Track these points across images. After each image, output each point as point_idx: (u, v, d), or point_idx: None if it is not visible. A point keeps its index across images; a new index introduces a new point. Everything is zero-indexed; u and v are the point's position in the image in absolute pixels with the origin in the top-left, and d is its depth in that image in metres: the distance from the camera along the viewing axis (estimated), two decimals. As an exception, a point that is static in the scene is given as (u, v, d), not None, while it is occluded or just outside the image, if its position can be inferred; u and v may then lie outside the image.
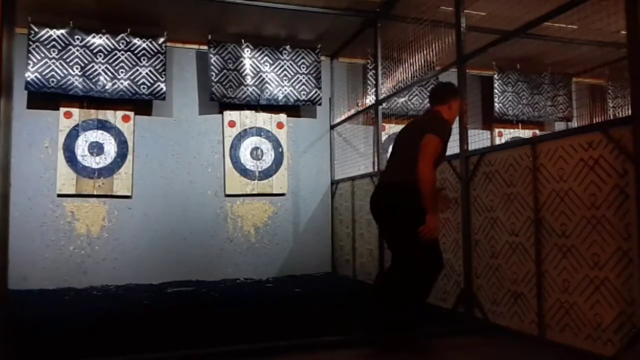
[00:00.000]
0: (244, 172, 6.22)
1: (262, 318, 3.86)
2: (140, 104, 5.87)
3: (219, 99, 6.02)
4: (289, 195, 6.40)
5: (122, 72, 5.65)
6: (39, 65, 5.38)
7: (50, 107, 5.61)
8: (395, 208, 3.05)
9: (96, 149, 5.71)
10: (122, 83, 5.64)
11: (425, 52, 4.90)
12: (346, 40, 6.19)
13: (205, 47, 6.07)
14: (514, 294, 3.37)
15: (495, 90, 6.85)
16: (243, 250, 6.15)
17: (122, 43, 5.68)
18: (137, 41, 5.71)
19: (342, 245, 6.32)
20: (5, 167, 2.55)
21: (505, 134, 7.12)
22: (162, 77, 5.77)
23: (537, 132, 7.25)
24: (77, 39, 5.54)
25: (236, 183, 6.18)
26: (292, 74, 6.28)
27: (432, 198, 2.90)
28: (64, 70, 5.46)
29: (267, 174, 6.31)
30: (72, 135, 5.65)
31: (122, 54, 5.67)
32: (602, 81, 7.41)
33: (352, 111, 6.46)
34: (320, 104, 6.45)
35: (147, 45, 5.74)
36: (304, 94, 6.31)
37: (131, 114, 5.87)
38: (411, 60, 5.15)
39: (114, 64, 5.64)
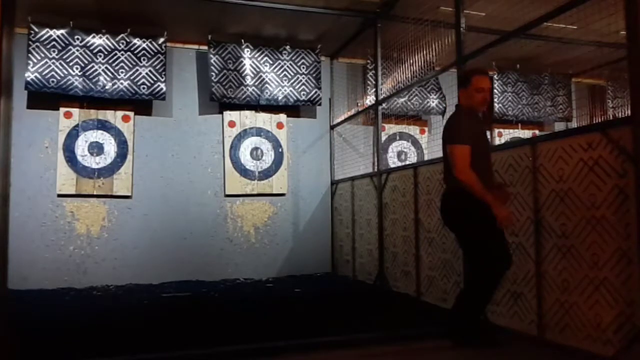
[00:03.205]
0: (244, 172, 6.22)
1: (262, 318, 3.86)
2: (140, 104, 5.87)
3: (219, 99, 6.02)
4: (289, 196, 6.40)
5: (122, 72, 5.66)
6: (39, 65, 5.38)
7: (50, 107, 5.61)
8: (454, 214, 3.17)
9: (96, 149, 5.71)
10: (122, 83, 5.64)
11: (425, 52, 4.91)
12: (346, 40, 6.19)
13: (205, 47, 6.07)
14: (513, 294, 3.37)
15: (495, 91, 6.86)
16: (243, 250, 6.15)
17: (122, 43, 5.68)
18: (137, 41, 5.72)
19: (342, 246, 6.32)
20: (5, 167, 2.55)
21: (505, 134, 7.12)
22: (162, 77, 5.77)
23: (537, 132, 7.25)
24: (77, 39, 5.54)
25: (236, 183, 6.19)
26: (292, 74, 6.28)
27: (486, 194, 2.94)
28: (64, 70, 5.47)
29: (267, 174, 6.31)
30: (72, 135, 5.65)
31: (122, 54, 5.67)
32: (601, 81, 7.42)
33: (352, 111, 6.47)
34: (320, 104, 6.45)
35: (147, 45, 5.74)
36: (303, 94, 6.31)
37: (131, 114, 5.87)
38: (411, 61, 5.15)
39: (114, 64, 5.64)
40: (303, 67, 6.32)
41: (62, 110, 5.65)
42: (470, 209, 2.98)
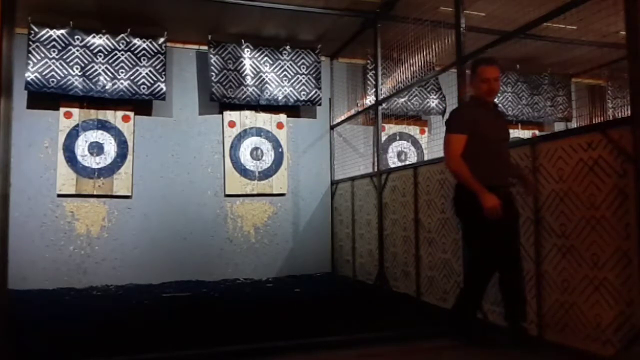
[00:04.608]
0: (244, 172, 6.22)
1: (262, 318, 3.86)
2: (140, 104, 5.87)
3: (219, 99, 6.02)
4: (289, 196, 6.40)
5: (122, 72, 5.66)
6: (39, 65, 5.38)
7: (50, 107, 5.61)
8: (457, 207, 3.20)
9: (96, 149, 5.71)
10: (122, 83, 5.64)
11: (425, 52, 4.91)
12: (346, 40, 6.19)
13: (205, 47, 6.07)
14: (513, 294, 3.37)
15: (495, 91, 6.84)
16: (243, 250, 6.16)
17: (122, 43, 5.68)
18: (137, 41, 5.72)
19: (342, 246, 6.32)
20: (5, 167, 2.55)
21: (505, 134, 7.11)
22: (162, 77, 5.77)
23: (537, 132, 7.25)
24: (77, 39, 5.54)
25: (236, 183, 6.19)
26: (292, 74, 6.28)
27: (475, 184, 2.94)
28: (64, 70, 5.47)
29: (267, 174, 6.31)
30: (72, 135, 5.65)
31: (122, 54, 5.67)
32: (601, 82, 7.42)
33: (352, 111, 6.47)
34: (320, 104, 6.45)
35: (147, 45, 5.75)
36: (303, 94, 6.31)
37: (131, 114, 5.87)
38: (411, 61, 5.16)
39: (114, 64, 5.64)
40: (303, 67, 6.32)
41: (62, 110, 5.65)
42: (472, 204, 2.96)
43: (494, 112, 3.21)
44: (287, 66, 6.27)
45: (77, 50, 5.53)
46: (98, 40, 5.61)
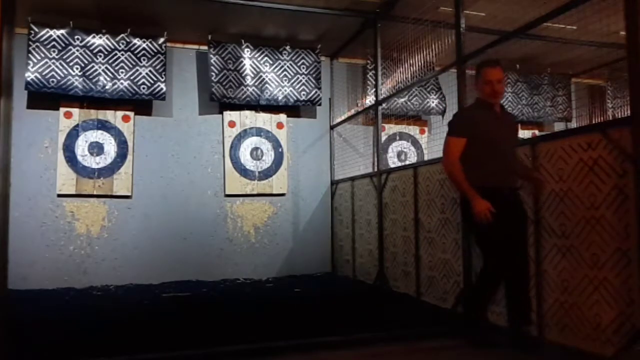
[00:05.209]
0: (244, 172, 6.22)
1: (262, 318, 3.86)
2: (140, 104, 5.87)
3: (219, 99, 6.02)
4: (289, 196, 6.40)
5: (122, 72, 5.66)
6: (39, 65, 5.38)
7: (50, 107, 5.61)
8: (462, 210, 3.22)
9: (96, 149, 5.71)
10: (122, 83, 5.64)
11: (425, 52, 4.91)
12: (346, 40, 6.19)
13: (205, 47, 6.07)
14: (513, 294, 3.36)
15: (495, 91, 6.84)
16: (243, 250, 6.16)
17: (122, 43, 5.68)
18: (137, 41, 5.72)
19: (342, 245, 6.32)
20: (5, 167, 2.55)
21: (505, 134, 7.11)
22: (162, 77, 5.78)
23: (537, 132, 7.25)
24: (77, 39, 5.54)
25: (236, 183, 6.19)
26: (292, 74, 6.28)
27: (468, 189, 2.97)
28: (64, 70, 5.47)
29: (267, 174, 6.31)
30: (72, 135, 5.65)
31: (122, 54, 5.67)
32: (601, 82, 7.42)
33: (352, 111, 6.47)
34: (320, 104, 6.45)
35: (147, 45, 5.75)
36: (303, 94, 6.31)
37: (131, 114, 5.87)
38: (411, 61, 5.16)
39: (114, 64, 5.64)
40: (303, 67, 6.32)
41: (62, 110, 5.65)
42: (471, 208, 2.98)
43: (499, 114, 3.20)
44: (287, 66, 6.27)
45: (77, 50, 5.53)
46: (98, 40, 5.61)
